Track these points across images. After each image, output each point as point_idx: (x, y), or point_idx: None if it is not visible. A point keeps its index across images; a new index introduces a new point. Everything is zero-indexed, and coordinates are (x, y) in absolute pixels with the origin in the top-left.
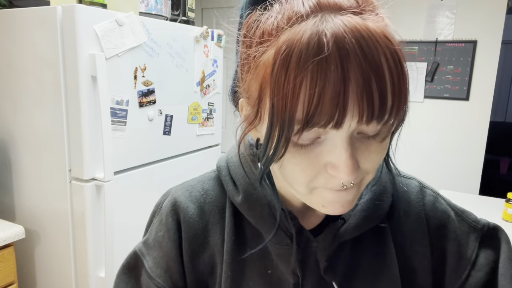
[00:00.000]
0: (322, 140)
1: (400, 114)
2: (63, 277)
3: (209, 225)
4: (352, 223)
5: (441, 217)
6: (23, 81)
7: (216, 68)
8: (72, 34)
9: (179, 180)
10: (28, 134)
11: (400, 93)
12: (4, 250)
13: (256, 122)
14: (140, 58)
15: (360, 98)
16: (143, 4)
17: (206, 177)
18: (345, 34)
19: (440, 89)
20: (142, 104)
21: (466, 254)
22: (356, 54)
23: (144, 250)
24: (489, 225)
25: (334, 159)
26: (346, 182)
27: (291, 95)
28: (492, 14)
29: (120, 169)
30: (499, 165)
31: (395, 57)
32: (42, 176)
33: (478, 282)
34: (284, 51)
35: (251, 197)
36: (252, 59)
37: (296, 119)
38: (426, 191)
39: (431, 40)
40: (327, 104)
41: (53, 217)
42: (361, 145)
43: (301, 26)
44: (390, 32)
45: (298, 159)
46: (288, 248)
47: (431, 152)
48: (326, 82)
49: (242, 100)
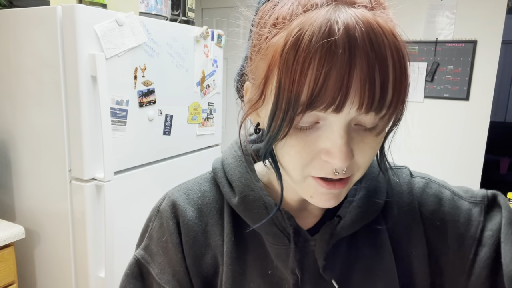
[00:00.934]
0: (321, 126)
1: (398, 111)
2: (63, 277)
3: (209, 227)
4: (348, 220)
5: (433, 202)
6: (23, 81)
7: (216, 68)
8: (72, 34)
9: (179, 180)
10: (28, 134)
11: (400, 89)
12: (4, 250)
13: (260, 104)
14: (140, 58)
15: (363, 85)
16: (143, 4)
17: (203, 178)
18: (355, 24)
19: (440, 89)
20: (142, 104)
21: (470, 232)
22: (364, 43)
23: (147, 258)
24: (488, 196)
25: (329, 145)
26: (338, 169)
27: (298, 75)
28: (492, 14)
29: (120, 169)
30: (499, 165)
31: (400, 54)
32: (42, 176)
33: (484, 256)
34: (296, 33)
35: (247, 198)
36: (264, 40)
37: (301, 100)
38: (416, 179)
39: (431, 40)
40: (331, 86)
41: (53, 217)
42: (357, 136)
43: (314, 13)
44: (398, 31)
45: (295, 140)
46: (286, 248)
47: (431, 152)
48: (332, 65)
49: (248, 84)
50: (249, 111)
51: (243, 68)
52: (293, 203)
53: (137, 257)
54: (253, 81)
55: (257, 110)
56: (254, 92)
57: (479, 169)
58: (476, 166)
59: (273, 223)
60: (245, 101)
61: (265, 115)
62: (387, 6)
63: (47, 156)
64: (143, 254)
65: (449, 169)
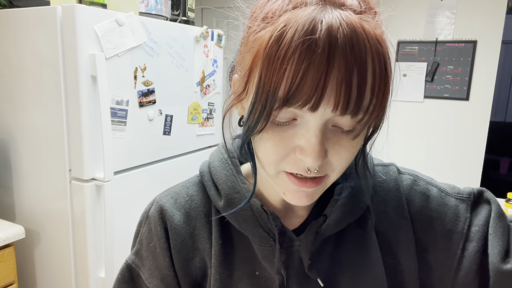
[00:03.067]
0: (298, 123)
1: (377, 116)
2: (63, 277)
3: (196, 231)
4: (333, 218)
5: (421, 199)
6: (23, 81)
7: (216, 68)
8: (72, 34)
9: (179, 180)
10: (28, 134)
11: (379, 94)
12: (4, 250)
13: (243, 96)
14: (140, 58)
15: (339, 86)
16: (143, 4)
17: (190, 182)
18: (339, 25)
19: (440, 89)
20: (142, 104)
21: (457, 228)
22: (345, 44)
23: (138, 262)
24: (474, 192)
25: (303, 143)
26: (311, 167)
27: (277, 69)
28: (492, 14)
29: (120, 169)
30: (499, 165)
31: (381, 60)
32: (42, 176)
33: (472, 251)
34: (281, 29)
35: (233, 201)
36: (252, 33)
37: (278, 95)
38: (403, 176)
39: (431, 40)
40: (307, 84)
41: (53, 217)
42: (333, 137)
43: (301, 10)
44: (384, 38)
45: (271, 135)
46: (272, 249)
47: (431, 152)
48: (310, 63)
49: (235, 75)
50: (232, 102)
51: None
52: (279, 203)
53: (128, 262)
54: (239, 72)
55: (242, 102)
56: (238, 84)
57: (479, 169)
58: (476, 166)
59: (259, 224)
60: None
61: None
62: (379, 12)
63: (47, 156)
64: (134, 258)
65: (449, 169)
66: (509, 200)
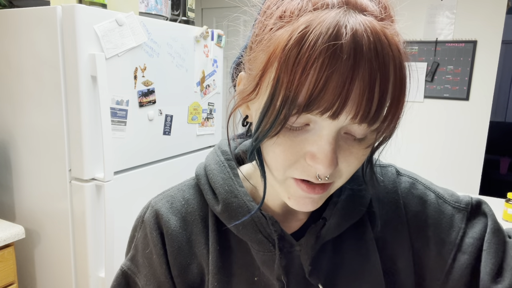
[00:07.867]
0: (311, 129)
1: (390, 125)
2: (63, 277)
3: (193, 236)
4: (333, 222)
5: (418, 203)
6: (23, 81)
7: (216, 68)
8: (72, 34)
9: (179, 180)
10: (28, 134)
11: (397, 104)
12: (4, 250)
13: (252, 96)
14: (140, 58)
15: (362, 95)
16: (143, 4)
17: (186, 185)
18: (364, 31)
19: (440, 89)
20: (142, 104)
21: (450, 238)
22: (370, 51)
23: (134, 269)
24: (472, 203)
25: (315, 149)
26: (321, 175)
27: (299, 74)
28: (492, 14)
29: (120, 169)
30: (499, 165)
31: (402, 70)
32: (42, 176)
33: (464, 263)
34: (302, 30)
35: (231, 205)
36: (267, 31)
37: (298, 101)
38: (402, 178)
39: (431, 40)
40: (330, 91)
41: (53, 217)
42: (345, 144)
43: (324, 12)
44: (403, 47)
45: (282, 139)
46: (271, 254)
47: (431, 152)
48: (335, 69)
49: (242, 74)
50: (239, 103)
51: (241, 57)
52: (277, 207)
53: (123, 268)
54: (249, 71)
55: (248, 102)
56: (248, 84)
57: (479, 169)
58: (476, 166)
59: (258, 229)
60: (236, 92)
61: (256, 108)
62: (395, 20)
63: (47, 156)
64: (129, 265)
65: (449, 169)
66: (509, 200)
